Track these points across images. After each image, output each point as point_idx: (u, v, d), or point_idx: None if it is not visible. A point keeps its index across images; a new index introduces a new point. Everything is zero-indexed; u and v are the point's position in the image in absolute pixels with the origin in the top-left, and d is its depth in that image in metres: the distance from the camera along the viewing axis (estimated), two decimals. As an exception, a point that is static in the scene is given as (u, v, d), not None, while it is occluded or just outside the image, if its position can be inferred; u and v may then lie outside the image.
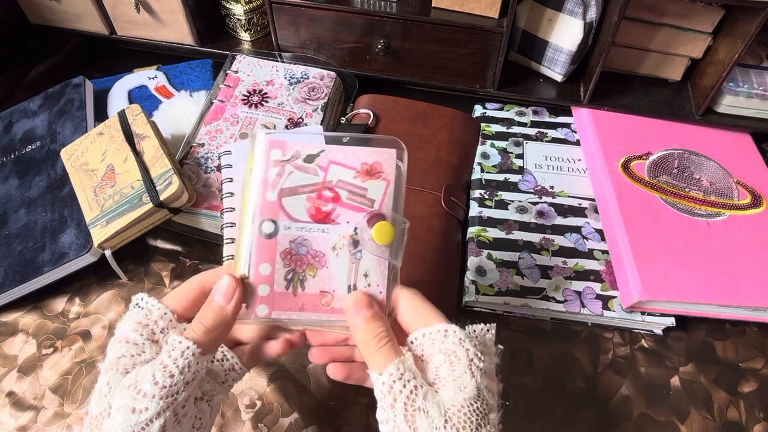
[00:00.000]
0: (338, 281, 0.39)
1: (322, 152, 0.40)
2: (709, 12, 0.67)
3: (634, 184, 0.64)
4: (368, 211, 0.40)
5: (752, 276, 0.57)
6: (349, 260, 0.39)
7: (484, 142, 0.72)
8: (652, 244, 0.59)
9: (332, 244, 0.39)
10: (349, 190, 0.40)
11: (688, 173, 0.66)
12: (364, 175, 0.40)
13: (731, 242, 0.60)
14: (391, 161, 0.40)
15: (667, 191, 0.63)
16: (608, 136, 0.69)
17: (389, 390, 0.35)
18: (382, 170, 0.40)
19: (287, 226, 0.39)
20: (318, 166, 0.40)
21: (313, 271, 0.39)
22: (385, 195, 0.40)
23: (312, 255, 0.39)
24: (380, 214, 0.40)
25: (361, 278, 0.40)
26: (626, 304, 0.57)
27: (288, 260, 0.39)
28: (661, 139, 0.70)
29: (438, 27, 0.70)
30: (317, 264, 0.39)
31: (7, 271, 0.60)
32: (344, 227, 0.40)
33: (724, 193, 0.64)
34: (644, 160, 0.67)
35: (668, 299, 0.55)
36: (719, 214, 0.62)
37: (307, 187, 0.39)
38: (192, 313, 0.40)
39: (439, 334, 0.37)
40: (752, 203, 0.62)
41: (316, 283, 0.39)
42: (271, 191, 0.39)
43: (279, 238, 0.39)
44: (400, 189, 0.40)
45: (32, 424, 0.53)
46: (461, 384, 0.35)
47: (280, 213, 0.39)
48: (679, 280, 0.56)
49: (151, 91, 0.79)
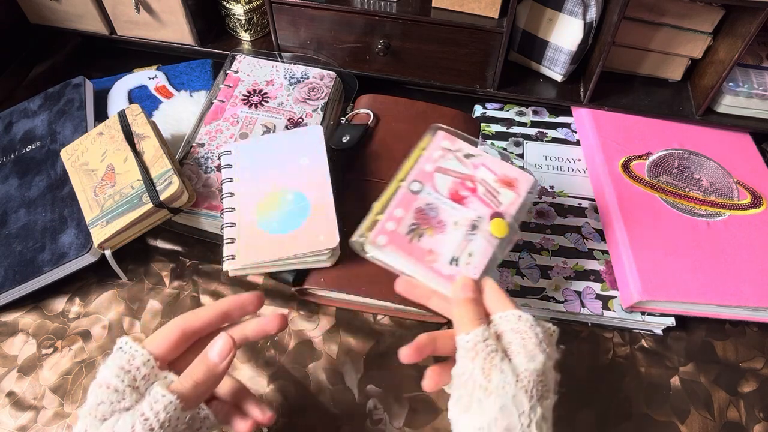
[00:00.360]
0: (447, 248, 0.48)
1: (479, 156, 0.52)
2: (709, 12, 0.67)
3: (634, 184, 0.64)
4: (493, 209, 0.50)
5: (752, 276, 0.57)
6: (463, 237, 0.49)
7: (484, 142, 0.72)
8: (652, 243, 0.59)
9: (455, 219, 0.49)
10: (486, 188, 0.51)
11: (688, 173, 0.66)
12: (502, 183, 0.51)
13: (731, 242, 0.60)
14: (527, 183, 0.51)
15: (667, 191, 0.63)
16: (608, 136, 0.69)
17: (473, 347, 0.40)
18: (517, 186, 0.51)
19: (429, 192, 0.50)
20: (472, 163, 0.52)
21: (431, 232, 0.49)
22: (511, 204, 0.50)
23: (437, 221, 0.49)
24: (501, 214, 0.49)
25: (465, 255, 0.48)
26: (626, 304, 0.57)
27: (418, 216, 0.49)
28: (661, 139, 0.70)
29: (438, 27, 0.70)
30: (437, 229, 0.49)
31: (7, 271, 0.60)
32: (470, 212, 0.50)
33: (724, 193, 0.64)
34: (644, 160, 0.67)
35: (668, 299, 0.55)
36: (719, 214, 0.62)
37: (456, 173, 0.51)
38: (172, 356, 0.41)
39: (513, 317, 0.42)
40: (752, 203, 0.62)
41: (429, 242, 0.48)
42: (430, 165, 0.51)
43: (419, 197, 0.50)
44: (525, 206, 0.51)
45: (32, 424, 0.53)
46: (532, 356, 0.40)
47: (428, 182, 0.51)
48: (679, 280, 0.56)
49: (151, 91, 0.79)
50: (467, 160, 0.52)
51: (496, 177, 0.52)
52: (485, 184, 0.51)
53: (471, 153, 0.52)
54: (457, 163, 0.52)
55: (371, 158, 0.67)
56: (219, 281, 0.63)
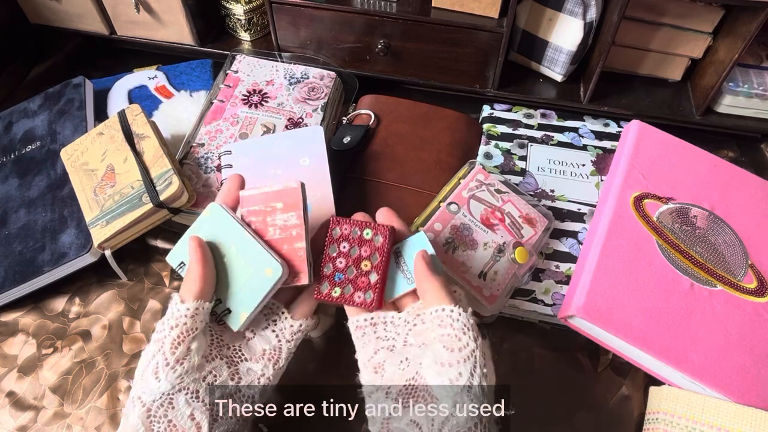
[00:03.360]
0: (476, 264, 0.57)
1: (507, 193, 0.61)
2: (709, 12, 0.67)
3: (636, 217, 0.59)
4: (516, 239, 0.59)
5: (709, 350, 0.51)
6: (490, 257, 0.57)
7: (489, 143, 0.71)
8: (620, 274, 0.55)
9: (485, 241, 0.58)
10: (512, 221, 0.60)
11: (700, 233, 0.59)
12: (525, 219, 0.60)
13: (707, 312, 0.53)
14: (543, 223, 0.61)
15: (667, 239, 0.57)
16: (639, 164, 0.63)
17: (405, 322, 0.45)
18: (536, 224, 0.60)
19: (464, 214, 0.59)
20: (501, 198, 0.61)
21: (464, 248, 0.57)
22: (531, 237, 0.59)
23: (469, 239, 0.58)
24: (522, 244, 0.58)
25: (491, 273, 0.56)
26: (560, 314, 0.56)
27: (453, 232, 0.58)
28: (694, 191, 0.62)
29: (438, 27, 0.70)
30: (470, 246, 0.57)
31: (7, 271, 0.60)
32: (498, 237, 0.58)
33: (729, 268, 0.57)
34: (662, 203, 0.60)
35: (607, 328, 0.52)
36: (712, 283, 0.55)
37: (487, 203, 0.60)
38: None
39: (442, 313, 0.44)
40: (755, 291, 0.55)
41: (462, 256, 0.57)
42: (466, 191, 0.60)
43: (456, 217, 0.59)
44: (540, 242, 0.60)
45: (32, 424, 0.53)
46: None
47: (464, 205, 0.60)
48: (628, 318, 0.52)
49: (151, 91, 0.79)
50: (498, 195, 0.61)
51: (520, 213, 0.60)
52: (511, 217, 0.60)
53: (501, 189, 0.61)
54: (489, 195, 0.61)
55: (372, 159, 0.67)
56: (219, 281, 0.63)
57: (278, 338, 0.46)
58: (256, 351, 0.46)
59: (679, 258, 0.56)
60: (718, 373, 0.50)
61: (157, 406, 0.40)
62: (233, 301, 0.45)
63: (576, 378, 0.56)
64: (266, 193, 0.47)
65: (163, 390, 0.40)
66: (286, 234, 0.46)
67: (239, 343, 0.46)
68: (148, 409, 0.40)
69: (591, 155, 0.70)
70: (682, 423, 0.49)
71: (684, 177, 0.63)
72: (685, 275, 0.55)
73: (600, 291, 0.54)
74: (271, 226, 0.46)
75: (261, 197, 0.47)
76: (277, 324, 0.47)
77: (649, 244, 0.57)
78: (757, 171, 0.69)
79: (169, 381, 0.40)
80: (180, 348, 0.41)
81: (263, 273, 0.44)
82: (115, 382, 0.55)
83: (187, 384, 0.41)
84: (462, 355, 0.40)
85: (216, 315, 0.45)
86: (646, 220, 0.59)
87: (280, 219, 0.46)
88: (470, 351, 0.40)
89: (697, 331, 0.52)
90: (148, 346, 0.43)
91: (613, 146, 0.70)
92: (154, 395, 0.40)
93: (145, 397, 0.41)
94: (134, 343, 0.58)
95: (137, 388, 0.41)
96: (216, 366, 0.43)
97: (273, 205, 0.47)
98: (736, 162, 0.69)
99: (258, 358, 0.45)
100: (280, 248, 0.46)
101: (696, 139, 0.67)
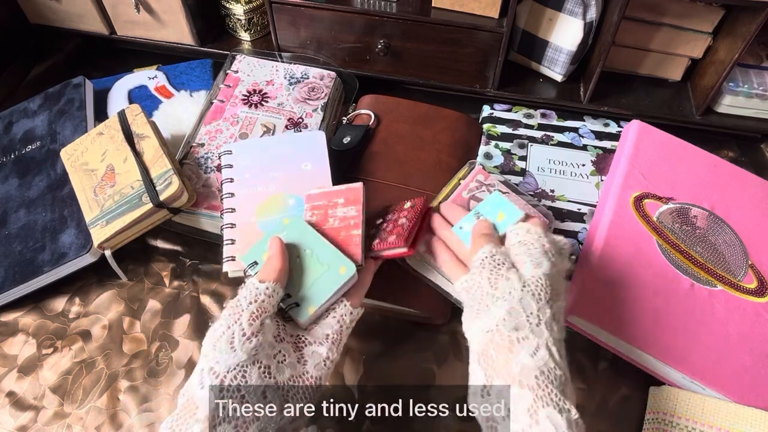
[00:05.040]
0: None
1: (507, 194, 0.59)
2: (709, 12, 0.67)
3: (636, 217, 0.59)
4: None
5: (709, 350, 0.51)
6: None
7: (489, 143, 0.71)
8: (620, 274, 0.54)
9: None
10: None
11: (700, 233, 0.59)
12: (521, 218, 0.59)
13: (707, 312, 0.53)
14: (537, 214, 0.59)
15: (667, 239, 0.57)
16: (639, 164, 0.63)
17: (481, 262, 0.46)
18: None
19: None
20: None
21: None
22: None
23: None
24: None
25: None
26: None
27: None
28: (695, 191, 0.62)
29: (438, 27, 0.70)
30: None
31: (7, 271, 0.60)
32: None
33: (729, 268, 0.57)
34: (662, 203, 0.60)
35: (607, 327, 0.52)
36: (711, 283, 0.55)
37: None
38: None
39: (522, 230, 0.48)
40: (755, 290, 0.55)
41: None
42: (466, 192, 0.60)
43: None
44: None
45: (32, 424, 0.53)
46: (538, 263, 0.44)
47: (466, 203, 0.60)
48: (628, 318, 0.51)
49: (151, 91, 0.79)
50: None
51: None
52: None
53: (501, 190, 0.60)
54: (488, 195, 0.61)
55: (372, 159, 0.67)
56: (219, 281, 0.63)
57: (339, 324, 0.47)
58: (319, 336, 0.47)
59: (680, 258, 0.56)
60: (718, 373, 0.50)
61: (232, 377, 0.40)
62: (302, 295, 0.47)
63: (576, 378, 0.56)
64: (330, 192, 0.55)
65: (239, 359, 0.41)
66: (344, 224, 0.52)
67: (302, 332, 0.47)
68: (221, 380, 0.40)
69: (591, 155, 0.70)
70: (682, 423, 0.49)
71: (684, 177, 0.63)
72: (686, 275, 0.55)
73: (600, 291, 0.54)
74: (331, 217, 0.53)
75: (325, 195, 0.55)
76: (337, 311, 0.48)
77: (649, 244, 0.57)
78: (757, 171, 0.68)
79: (245, 351, 0.41)
80: (256, 322, 0.42)
81: (336, 271, 0.48)
82: (115, 382, 0.56)
83: (261, 358, 0.42)
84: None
85: (283, 310, 0.47)
86: (646, 220, 0.59)
87: (341, 211, 0.53)
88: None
89: (697, 331, 0.52)
90: (219, 321, 0.43)
91: (613, 146, 0.70)
92: (229, 365, 0.40)
93: (218, 367, 0.40)
94: (134, 343, 0.58)
95: (209, 358, 0.41)
96: (284, 347, 0.44)
97: (335, 200, 0.54)
98: (736, 162, 0.70)
99: (322, 340, 0.46)
100: (336, 235, 0.51)
101: (696, 139, 0.67)
